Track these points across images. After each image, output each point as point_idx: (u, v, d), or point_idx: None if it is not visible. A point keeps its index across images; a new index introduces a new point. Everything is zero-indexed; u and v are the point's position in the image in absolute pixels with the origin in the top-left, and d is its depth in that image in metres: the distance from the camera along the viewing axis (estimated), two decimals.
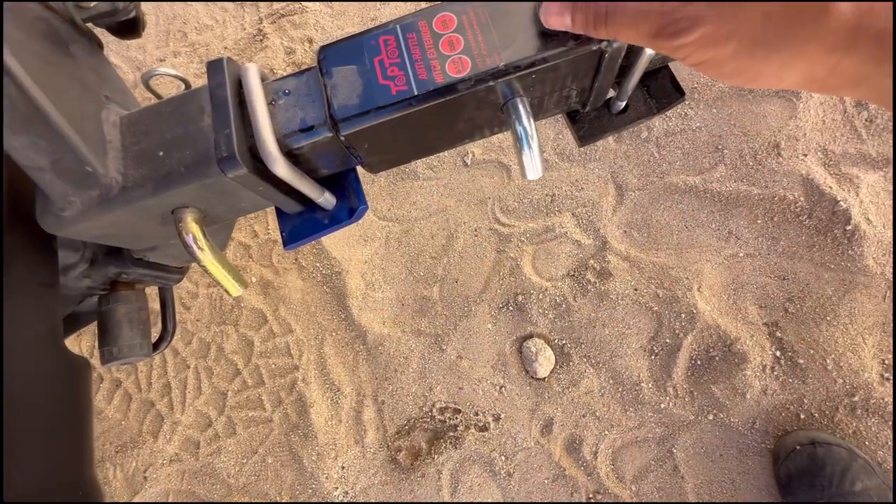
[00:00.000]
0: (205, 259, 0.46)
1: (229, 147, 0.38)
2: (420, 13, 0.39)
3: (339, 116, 0.38)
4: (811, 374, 0.90)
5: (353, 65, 0.38)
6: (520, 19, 0.37)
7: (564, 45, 0.36)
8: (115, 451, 1.25)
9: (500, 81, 0.37)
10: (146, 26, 0.52)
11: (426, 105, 0.37)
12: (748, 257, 0.97)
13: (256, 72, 0.42)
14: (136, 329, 0.59)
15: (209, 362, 1.24)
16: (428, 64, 0.37)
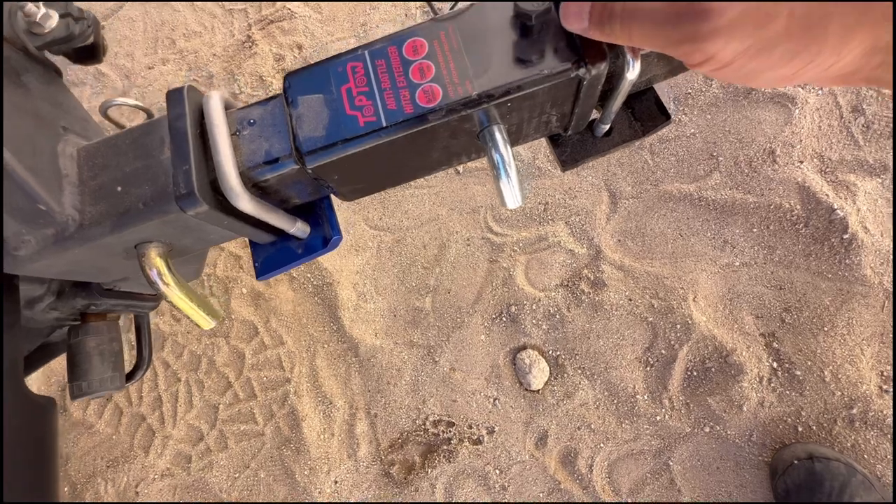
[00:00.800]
0: (171, 294, 0.43)
1: (188, 184, 0.35)
2: (390, 38, 0.36)
3: (305, 149, 0.35)
4: (809, 385, 0.87)
5: (320, 93, 0.36)
6: (493, 45, 0.34)
7: (540, 73, 0.33)
8: (107, 465, 1.22)
9: (473, 111, 0.34)
10: (107, 51, 0.49)
11: (396, 136, 0.35)
12: (744, 266, 0.95)
13: (219, 100, 0.39)
14: (107, 362, 0.56)
15: (200, 375, 1.21)
16: (397, 93, 0.35)
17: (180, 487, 1.17)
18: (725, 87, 1.01)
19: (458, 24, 0.35)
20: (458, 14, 0.36)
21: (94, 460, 1.23)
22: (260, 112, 0.40)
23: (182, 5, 1.50)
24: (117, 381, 0.57)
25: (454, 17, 0.36)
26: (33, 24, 0.39)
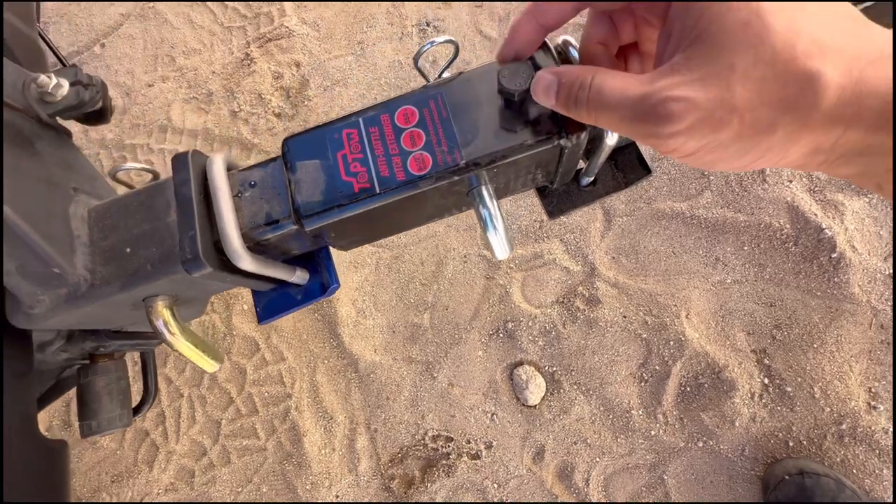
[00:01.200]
0: (176, 343, 0.44)
1: (193, 249, 0.37)
2: (383, 105, 0.38)
3: (304, 213, 0.37)
4: (799, 401, 0.89)
5: (317, 159, 0.38)
6: (480, 114, 0.36)
7: (524, 142, 0.35)
8: (111, 480, 1.23)
9: (462, 177, 0.36)
10: (114, 111, 0.50)
11: (389, 201, 0.36)
12: (735, 284, 0.96)
13: (222, 164, 0.41)
14: (115, 400, 0.57)
15: (203, 391, 1.22)
16: (390, 160, 0.36)
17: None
18: None
19: (447, 93, 0.37)
20: (446, 83, 0.38)
21: (99, 475, 1.24)
22: (260, 174, 0.41)
23: (181, 22, 1.51)
24: (125, 418, 0.58)
25: (443, 85, 0.37)
26: (45, 93, 0.40)
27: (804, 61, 0.21)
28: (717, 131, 0.23)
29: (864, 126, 0.21)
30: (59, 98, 0.40)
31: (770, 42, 0.21)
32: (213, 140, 1.36)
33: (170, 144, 1.39)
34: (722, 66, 0.22)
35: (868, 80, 0.21)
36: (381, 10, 1.37)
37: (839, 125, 0.22)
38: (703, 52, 0.22)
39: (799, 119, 0.22)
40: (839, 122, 0.21)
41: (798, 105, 0.21)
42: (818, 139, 0.22)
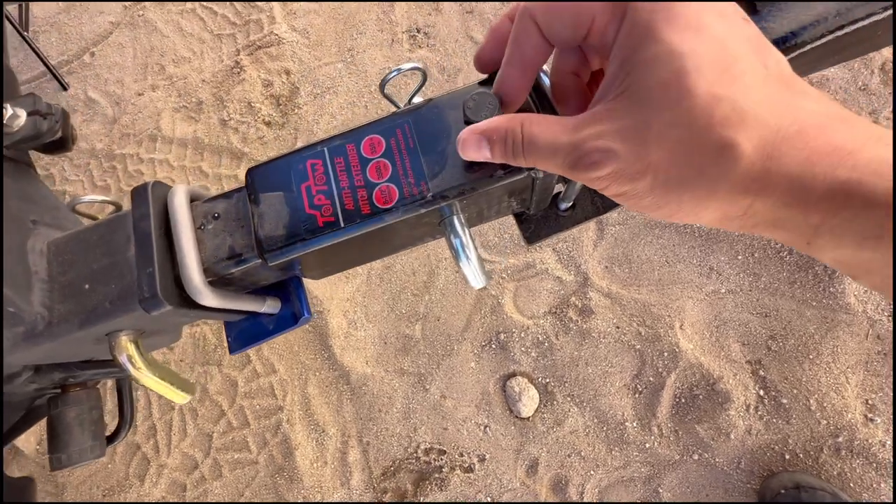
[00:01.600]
0: (142, 378, 0.42)
1: (151, 287, 0.35)
2: (349, 134, 0.36)
3: (266, 247, 0.36)
4: (795, 414, 0.87)
5: (280, 191, 0.36)
6: (449, 144, 0.34)
7: (493, 174, 0.33)
8: (103, 494, 1.21)
9: (428, 210, 0.34)
10: (76, 140, 0.48)
11: (354, 235, 0.35)
12: (730, 294, 0.94)
13: (184, 196, 0.39)
14: (87, 432, 0.55)
15: (194, 403, 1.20)
16: (355, 192, 0.35)
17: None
18: None
19: (414, 121, 0.35)
20: (414, 110, 0.36)
21: (90, 489, 1.22)
22: (224, 206, 0.39)
23: (170, 30, 1.49)
24: (97, 449, 0.56)
25: (411, 112, 0.36)
26: (1, 125, 0.38)
27: (720, 130, 0.20)
28: (633, 182, 0.23)
29: (771, 201, 0.21)
30: (16, 129, 0.38)
31: (688, 105, 0.20)
32: (203, 149, 1.34)
33: (160, 154, 1.37)
34: (640, 122, 0.22)
35: (780, 156, 0.20)
36: (370, 16, 1.35)
37: (747, 196, 0.21)
38: (625, 105, 0.22)
39: (707, 186, 0.21)
40: (746, 193, 0.21)
41: (708, 172, 0.21)
42: (726, 207, 0.22)
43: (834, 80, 1.02)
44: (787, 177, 0.20)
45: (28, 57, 1.51)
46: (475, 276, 0.37)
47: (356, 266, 0.44)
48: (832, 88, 1.02)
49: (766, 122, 0.20)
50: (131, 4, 1.55)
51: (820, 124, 0.20)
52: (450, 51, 1.25)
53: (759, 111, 0.20)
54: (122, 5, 1.55)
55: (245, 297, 0.43)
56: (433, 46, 1.27)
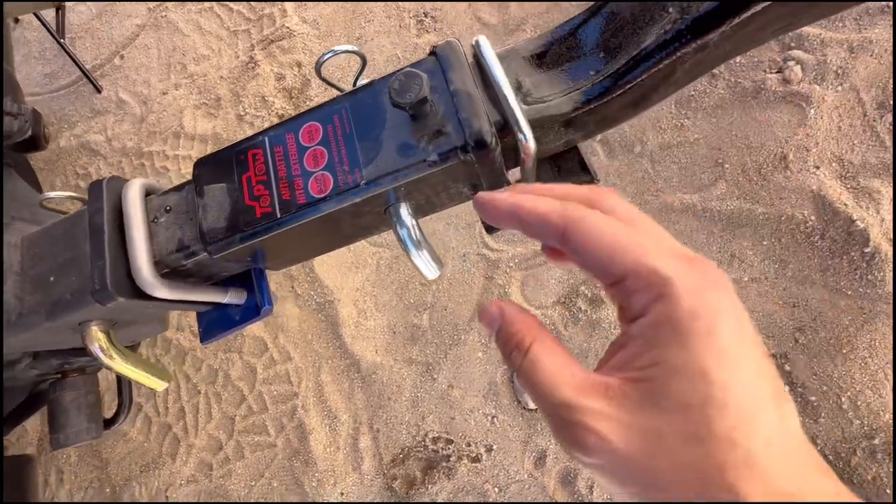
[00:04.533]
0: (116, 367, 0.43)
1: (101, 280, 0.35)
2: (289, 122, 0.34)
3: (208, 239, 0.35)
4: (824, 412, 0.77)
5: (223, 183, 0.35)
6: (383, 130, 0.31)
7: (426, 159, 0.30)
8: (140, 470, 1.25)
9: (361, 199, 0.31)
10: (50, 139, 0.48)
11: (292, 226, 0.33)
12: (753, 282, 0.84)
13: (138, 190, 0.38)
14: (83, 414, 0.55)
15: (217, 388, 1.22)
16: (291, 182, 0.33)
17: (204, 493, 1.19)
18: (732, 86, 0.89)
19: (352, 106, 0.33)
20: (352, 95, 0.33)
21: (130, 465, 1.27)
22: (175, 199, 0.38)
23: (190, 29, 1.48)
24: (93, 431, 0.57)
25: (349, 97, 0.32)
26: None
27: (731, 476, 0.18)
28: (622, 485, 0.20)
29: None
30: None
31: (705, 438, 0.18)
32: (222, 144, 1.34)
33: (183, 150, 1.38)
34: (651, 429, 0.19)
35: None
36: (378, 3, 1.29)
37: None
38: (641, 398, 0.19)
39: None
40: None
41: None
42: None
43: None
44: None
45: (66, 62, 1.55)
46: (427, 266, 0.34)
47: (313, 257, 0.42)
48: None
49: (775, 482, 0.18)
50: (155, 6, 1.55)
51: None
52: (458, 34, 1.18)
53: (772, 470, 0.18)
54: (147, 7, 1.56)
55: (205, 287, 0.42)
56: (440, 30, 1.20)
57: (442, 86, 0.31)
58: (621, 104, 0.30)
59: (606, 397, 0.20)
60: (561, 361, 0.22)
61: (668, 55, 0.26)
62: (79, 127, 1.51)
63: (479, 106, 0.30)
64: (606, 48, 0.30)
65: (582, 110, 0.30)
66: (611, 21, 0.30)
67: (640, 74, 0.27)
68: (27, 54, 1.68)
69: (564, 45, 0.32)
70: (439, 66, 0.31)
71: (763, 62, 0.87)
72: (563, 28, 0.32)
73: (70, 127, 1.53)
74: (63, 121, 1.55)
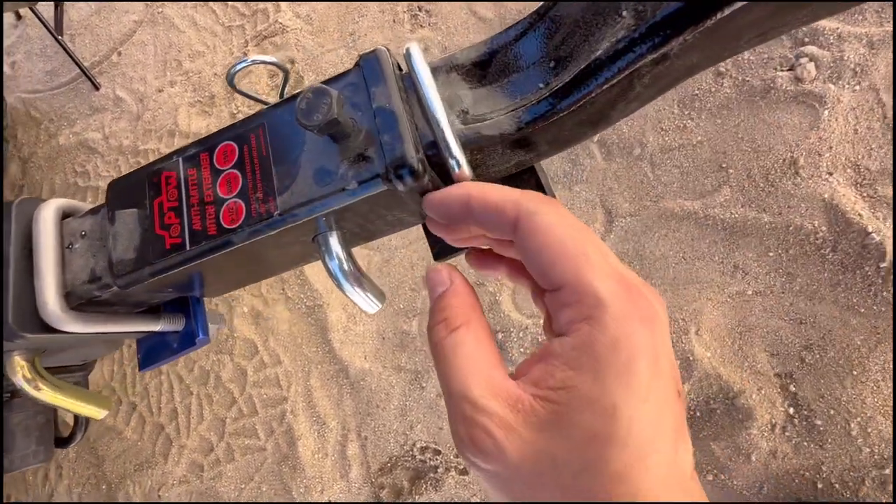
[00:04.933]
0: (44, 397, 0.39)
1: (3, 314, 0.33)
2: (205, 140, 0.30)
3: (116, 272, 0.31)
4: (831, 438, 0.72)
5: (135, 208, 0.31)
6: (301, 152, 0.27)
7: (345, 187, 0.25)
8: (134, 469, 1.25)
9: (276, 231, 0.27)
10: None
11: (203, 260, 0.29)
12: (758, 296, 0.78)
13: (52, 213, 0.35)
14: (31, 437, 0.53)
15: (209, 390, 1.20)
16: (204, 210, 0.29)
17: (195, 493, 1.18)
18: (739, 85, 0.83)
19: (270, 124, 0.28)
20: (271, 111, 0.29)
21: (125, 463, 1.26)
22: (90, 223, 0.35)
23: (186, 25, 1.45)
24: (41, 454, 0.54)
25: (267, 113, 0.29)
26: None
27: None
28: (502, 494, 0.19)
29: None
30: None
31: (598, 471, 0.18)
32: None
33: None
34: (548, 451, 0.18)
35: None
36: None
37: None
38: (545, 419, 0.19)
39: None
40: None
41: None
42: None
43: None
44: None
45: (66, 60, 1.54)
46: (364, 301, 0.29)
47: (252, 283, 0.38)
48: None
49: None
50: (152, 3, 1.53)
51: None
52: (452, 29, 1.13)
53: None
54: (145, 3, 1.53)
55: (131, 317, 0.39)
56: (435, 25, 1.14)
57: (366, 102, 0.26)
58: (574, 122, 0.25)
59: (514, 409, 0.19)
60: (484, 355, 0.21)
61: (622, 68, 0.22)
62: (78, 124, 1.50)
63: (405, 126, 0.25)
64: (556, 57, 0.25)
65: (527, 130, 0.25)
66: (560, 25, 0.25)
67: (591, 90, 0.23)
68: (29, 51, 1.67)
69: (510, 54, 0.27)
70: (363, 79, 0.27)
71: (773, 59, 0.80)
72: (508, 33, 0.27)
73: (70, 124, 1.52)
74: (63, 118, 1.54)
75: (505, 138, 0.26)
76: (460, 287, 0.23)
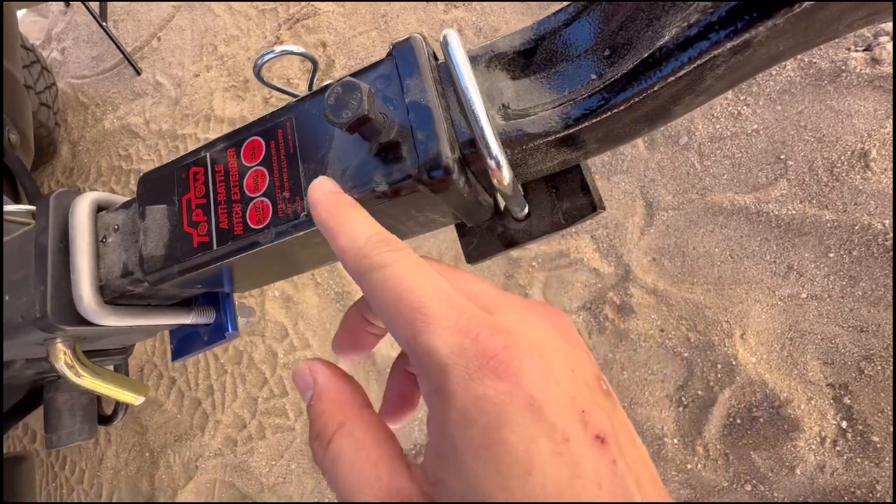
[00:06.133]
0: (84, 383, 0.40)
1: (42, 307, 0.32)
2: (233, 135, 0.29)
3: (146, 269, 0.30)
4: (889, 456, 0.65)
5: (164, 204, 0.31)
6: (328, 148, 0.25)
7: (374, 189, 0.23)
8: (174, 440, 1.30)
9: (303, 233, 0.25)
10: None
11: (231, 259, 0.28)
12: (813, 300, 0.71)
13: (87, 207, 0.34)
14: (76, 415, 0.55)
15: (242, 369, 1.23)
16: (231, 208, 0.28)
17: (229, 466, 1.21)
18: (804, 68, 0.74)
19: (298, 119, 0.26)
20: (299, 104, 0.27)
21: (165, 434, 1.32)
22: (122, 217, 0.34)
23: (222, 9, 1.44)
24: (86, 432, 0.56)
25: (296, 107, 0.26)
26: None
27: None
28: None
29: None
30: None
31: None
32: None
33: (213, 133, 1.36)
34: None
35: None
36: None
37: None
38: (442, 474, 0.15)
39: None
40: None
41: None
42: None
43: None
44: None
45: (111, 45, 1.56)
46: None
47: (283, 278, 0.37)
48: None
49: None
50: None
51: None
52: (486, 9, 1.06)
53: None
54: None
55: (163, 310, 0.39)
56: (469, 6, 1.08)
57: (399, 96, 0.23)
58: (630, 119, 0.21)
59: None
60: (367, 457, 0.18)
61: (693, 58, 0.17)
62: (121, 109, 1.53)
63: (440, 123, 0.22)
64: (612, 45, 0.21)
65: (576, 127, 0.21)
66: (619, 7, 0.21)
67: (654, 82, 0.19)
68: (77, 38, 1.71)
69: (559, 40, 0.23)
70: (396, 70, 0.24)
71: (846, 38, 0.71)
72: (558, 16, 0.23)
73: (114, 109, 1.55)
74: (107, 103, 1.57)
75: (550, 136, 0.22)
76: (326, 386, 0.20)
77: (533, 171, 0.26)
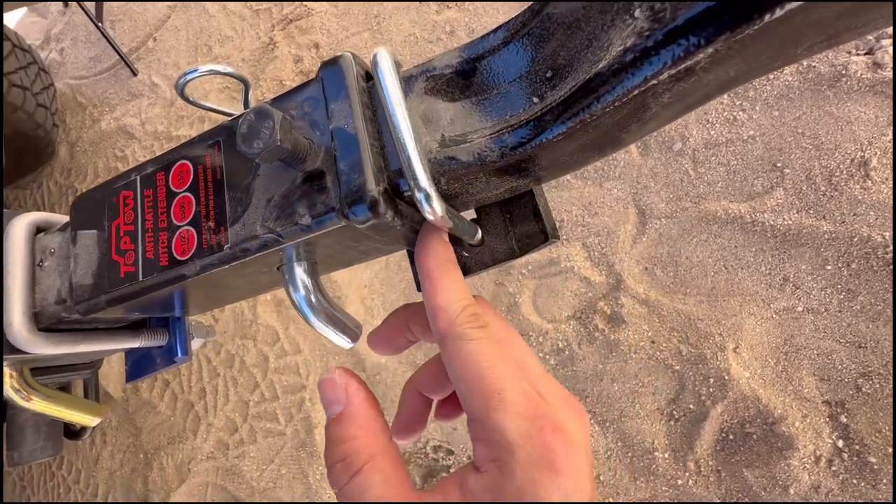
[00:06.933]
0: (35, 408, 0.38)
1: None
2: (162, 158, 0.27)
3: (76, 298, 0.29)
4: (887, 478, 0.62)
5: (95, 229, 0.29)
6: (254, 175, 0.23)
7: (298, 222, 0.21)
8: (167, 442, 1.29)
9: (230, 266, 0.24)
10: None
11: (158, 291, 0.26)
12: (809, 313, 0.68)
13: (24, 228, 0.32)
14: (41, 432, 0.53)
15: (234, 372, 1.21)
16: (157, 237, 0.26)
17: (220, 470, 1.20)
18: (803, 72, 0.70)
19: (227, 142, 0.24)
20: (229, 127, 0.25)
21: (159, 436, 1.31)
22: (59, 241, 0.33)
23: (216, 9, 1.42)
24: (49, 449, 0.54)
25: (225, 129, 0.25)
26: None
27: None
28: None
29: None
30: None
31: None
32: None
33: None
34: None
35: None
36: None
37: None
38: None
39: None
40: None
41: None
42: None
43: None
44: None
45: (108, 47, 1.55)
46: (335, 337, 0.27)
47: (223, 306, 0.35)
48: None
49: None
50: None
51: None
52: (479, 10, 1.03)
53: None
54: None
55: (109, 334, 0.37)
56: (462, 6, 1.06)
57: (325, 121, 0.21)
58: (574, 147, 0.19)
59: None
60: (396, 496, 0.19)
61: (631, 86, 0.15)
62: (118, 110, 1.52)
63: (365, 152, 0.20)
64: (554, 66, 0.18)
65: (512, 157, 0.19)
66: (557, 25, 0.18)
67: (591, 111, 0.16)
68: (75, 38, 1.70)
69: (499, 60, 0.20)
70: (322, 93, 0.21)
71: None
72: (497, 34, 0.20)
73: (111, 110, 1.54)
74: (105, 103, 1.56)
75: (486, 166, 0.19)
76: (361, 407, 0.20)
77: (478, 199, 0.24)
